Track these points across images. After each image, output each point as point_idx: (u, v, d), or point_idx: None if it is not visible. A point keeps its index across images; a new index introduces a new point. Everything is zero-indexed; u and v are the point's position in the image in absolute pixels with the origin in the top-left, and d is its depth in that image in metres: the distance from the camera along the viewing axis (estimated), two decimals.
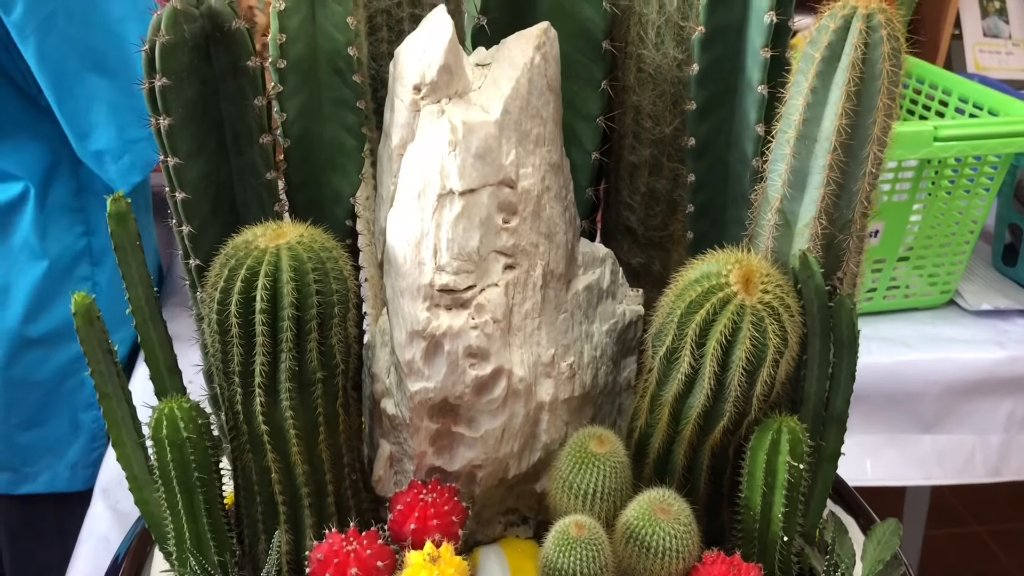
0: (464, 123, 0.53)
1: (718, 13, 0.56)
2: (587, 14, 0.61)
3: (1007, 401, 1.28)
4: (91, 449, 1.03)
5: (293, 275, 0.50)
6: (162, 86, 0.51)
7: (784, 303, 0.52)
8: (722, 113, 0.59)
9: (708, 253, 0.55)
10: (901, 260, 1.30)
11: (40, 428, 1.02)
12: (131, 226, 0.53)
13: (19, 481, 1.03)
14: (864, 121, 0.50)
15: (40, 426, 1.02)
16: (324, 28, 0.56)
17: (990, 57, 2.76)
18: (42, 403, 1.01)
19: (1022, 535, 2.19)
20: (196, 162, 0.54)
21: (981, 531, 2.21)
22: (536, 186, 0.57)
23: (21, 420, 1.00)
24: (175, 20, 0.51)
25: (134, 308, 0.55)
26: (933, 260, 1.29)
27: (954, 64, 2.68)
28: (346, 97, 0.57)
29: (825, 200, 0.53)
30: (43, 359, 1.00)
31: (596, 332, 0.62)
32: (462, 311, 0.54)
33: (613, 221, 0.69)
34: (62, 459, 1.03)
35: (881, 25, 0.49)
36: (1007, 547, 2.23)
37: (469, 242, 0.54)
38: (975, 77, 1.88)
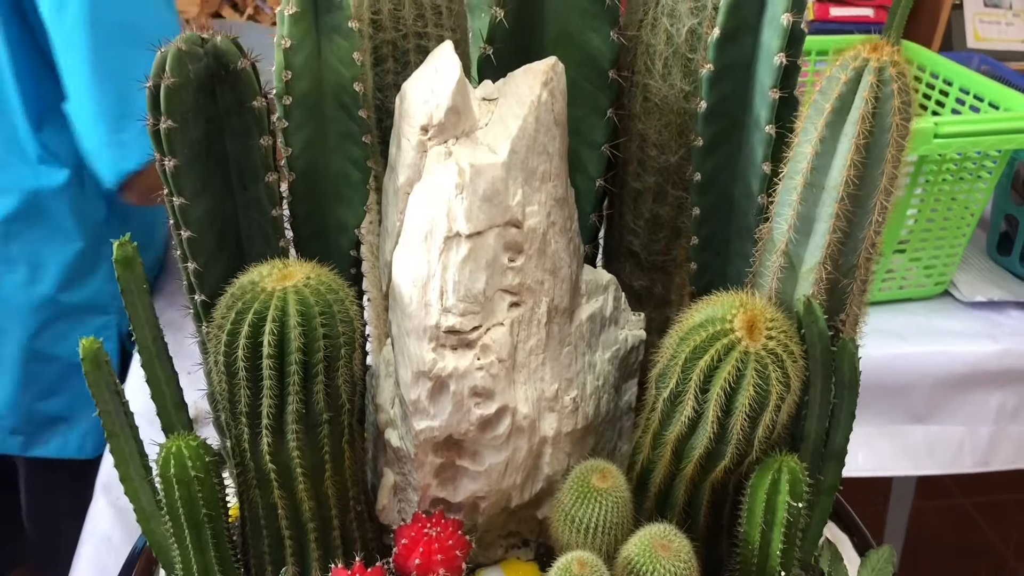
0: (471, 165, 0.53)
1: (727, 51, 0.55)
2: (594, 43, 0.60)
3: (997, 393, 1.30)
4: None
5: (300, 320, 0.51)
6: (167, 128, 0.51)
7: (788, 349, 0.53)
8: (728, 148, 0.59)
9: (713, 294, 0.55)
10: (898, 250, 1.30)
11: (56, 398, 1.08)
12: (137, 270, 0.53)
13: (31, 444, 1.09)
14: (872, 172, 0.50)
15: (56, 396, 1.08)
16: (330, 63, 0.55)
17: (990, 27, 2.74)
18: (61, 376, 1.07)
19: (1005, 508, 2.23)
20: (201, 200, 0.54)
21: (967, 503, 2.25)
22: (542, 223, 0.57)
23: (40, 391, 1.07)
24: (180, 61, 0.50)
25: (140, 347, 0.55)
26: (930, 250, 1.30)
27: (954, 34, 2.67)
28: (352, 131, 0.57)
29: (831, 247, 0.53)
30: (67, 333, 1.06)
31: (599, 361, 0.62)
32: (468, 351, 0.55)
33: (616, 244, 0.69)
34: (74, 429, 1.10)
35: (892, 79, 0.49)
36: (991, 519, 2.27)
37: (475, 284, 0.54)
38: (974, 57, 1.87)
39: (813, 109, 0.51)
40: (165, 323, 1.19)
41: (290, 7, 0.53)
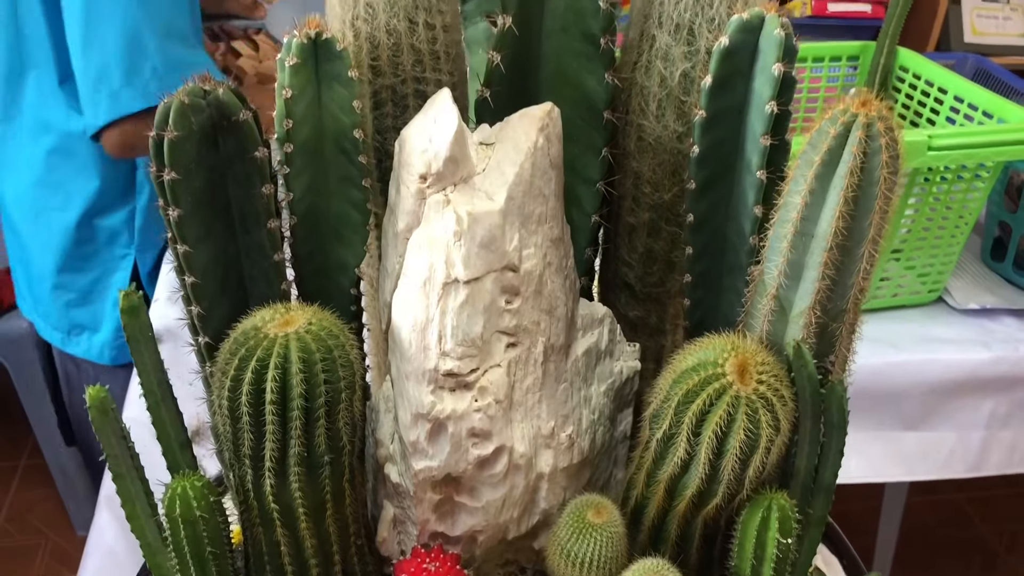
0: (469, 213, 0.54)
1: (719, 98, 0.56)
2: (590, 85, 0.61)
3: (989, 400, 1.32)
4: (117, 336, 1.36)
5: (302, 367, 0.52)
6: (171, 180, 0.52)
7: (778, 392, 0.54)
8: (721, 191, 0.60)
9: (706, 334, 0.56)
10: (892, 257, 1.32)
11: (82, 309, 1.35)
12: (143, 318, 0.54)
13: (66, 342, 1.38)
14: (861, 223, 0.52)
15: (82, 307, 1.35)
16: (330, 110, 0.56)
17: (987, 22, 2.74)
18: (87, 290, 1.34)
19: (998, 503, 2.26)
20: (205, 246, 0.55)
21: (960, 498, 2.27)
22: (538, 265, 0.58)
23: (70, 299, 1.34)
24: (183, 115, 0.51)
25: (146, 392, 0.56)
26: (924, 257, 1.31)
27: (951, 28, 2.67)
28: (352, 175, 0.58)
29: (820, 293, 0.54)
30: (91, 255, 1.32)
31: (594, 394, 0.64)
32: (466, 393, 0.56)
33: (612, 276, 0.71)
34: (95, 336, 1.37)
35: (880, 134, 0.50)
36: (983, 514, 2.30)
37: (473, 328, 0.55)
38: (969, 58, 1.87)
39: (803, 160, 0.52)
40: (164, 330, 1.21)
41: (291, 58, 0.54)
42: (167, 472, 0.61)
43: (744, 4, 0.58)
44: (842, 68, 1.52)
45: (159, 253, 1.37)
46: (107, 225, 1.31)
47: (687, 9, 0.58)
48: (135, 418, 1.07)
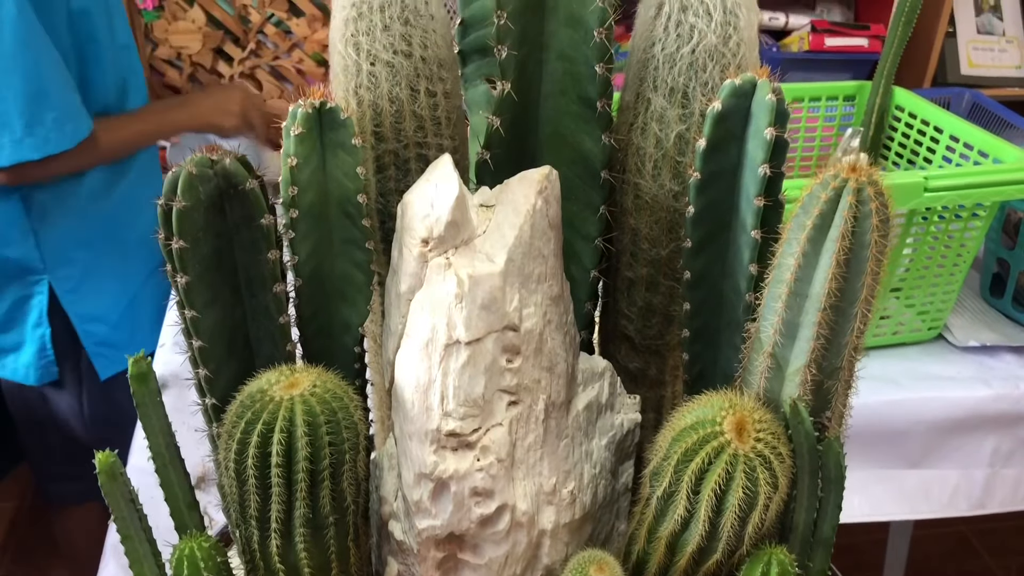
0: (470, 276, 0.56)
1: (714, 160, 0.58)
2: (587, 146, 0.63)
3: (991, 437, 1.32)
4: (40, 356, 1.40)
5: (307, 430, 0.53)
6: (179, 248, 0.53)
7: (775, 450, 0.55)
8: (717, 249, 0.61)
9: (704, 392, 0.57)
10: (893, 293, 1.32)
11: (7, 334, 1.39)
12: (152, 384, 0.56)
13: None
14: (853, 284, 0.53)
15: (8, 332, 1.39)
16: (335, 176, 0.58)
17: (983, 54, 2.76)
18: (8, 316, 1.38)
19: (1005, 534, 2.25)
20: (212, 310, 0.56)
21: (966, 531, 2.27)
22: (538, 324, 0.59)
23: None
24: (190, 184, 0.53)
25: (154, 454, 0.57)
26: (923, 295, 1.32)
27: (948, 61, 2.69)
28: (355, 237, 0.59)
29: (815, 352, 0.55)
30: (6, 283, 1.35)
31: (595, 448, 0.65)
32: (468, 452, 0.57)
33: (612, 328, 0.72)
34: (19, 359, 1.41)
35: (870, 199, 0.51)
36: (990, 546, 2.29)
37: (475, 388, 0.56)
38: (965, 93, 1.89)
39: (795, 223, 0.53)
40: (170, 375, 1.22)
41: (296, 127, 0.55)
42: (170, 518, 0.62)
43: (736, 69, 0.60)
44: (839, 107, 1.54)
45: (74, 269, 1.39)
46: (14, 256, 1.34)
47: (681, 74, 0.60)
48: (139, 467, 1.08)
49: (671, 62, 0.60)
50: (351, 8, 0.59)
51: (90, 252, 1.40)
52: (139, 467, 1.07)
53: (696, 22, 0.58)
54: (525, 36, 0.60)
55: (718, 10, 0.58)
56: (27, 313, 1.38)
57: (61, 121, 1.22)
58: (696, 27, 0.59)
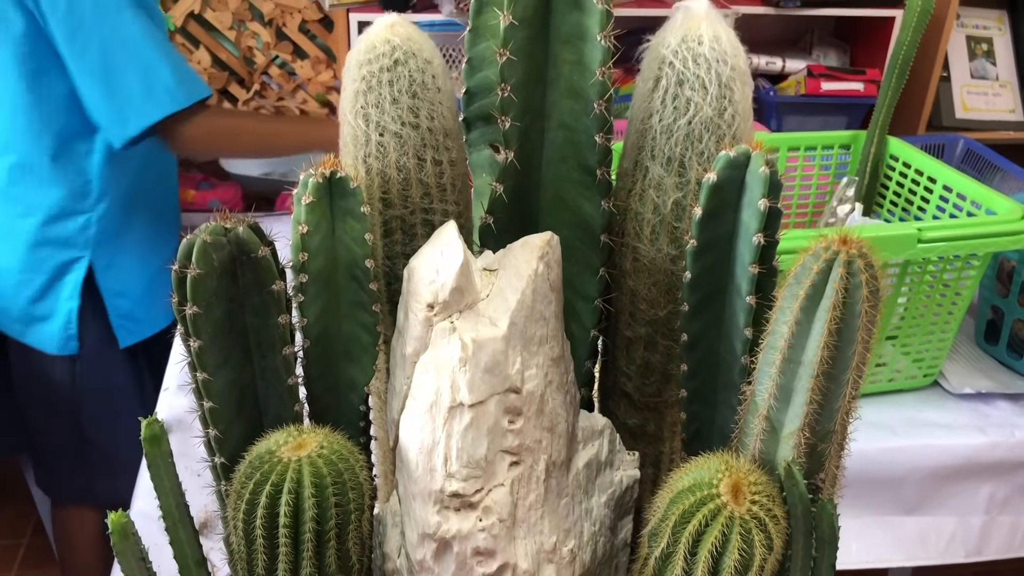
0: (474, 340, 0.57)
1: (709, 228, 0.60)
2: (587, 211, 0.65)
3: (987, 484, 1.33)
4: (65, 327, 1.56)
5: (314, 491, 0.54)
6: (193, 314, 0.55)
7: (770, 512, 0.56)
8: (713, 312, 0.63)
9: (700, 456, 0.59)
10: (888, 340, 1.34)
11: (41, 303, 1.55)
12: (164, 447, 0.57)
13: (23, 333, 1.59)
14: (845, 352, 0.55)
15: (42, 302, 1.55)
16: (344, 241, 0.59)
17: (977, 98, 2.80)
18: (45, 287, 1.54)
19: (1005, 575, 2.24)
20: (223, 372, 0.58)
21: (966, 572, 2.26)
22: (539, 385, 0.60)
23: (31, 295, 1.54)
24: (205, 252, 0.55)
25: (165, 513, 0.59)
26: (918, 343, 1.34)
27: (942, 105, 2.73)
28: (363, 300, 0.61)
29: (808, 416, 0.57)
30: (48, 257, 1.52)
31: (595, 506, 0.66)
32: (470, 512, 0.58)
33: (611, 385, 0.73)
34: (46, 328, 1.57)
35: (861, 271, 0.53)
36: None
37: (477, 450, 0.58)
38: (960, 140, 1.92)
39: (789, 293, 0.55)
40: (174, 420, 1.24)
41: (307, 196, 0.57)
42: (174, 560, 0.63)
43: (732, 139, 0.62)
44: (834, 155, 1.56)
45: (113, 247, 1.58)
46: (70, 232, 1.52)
47: (678, 144, 0.62)
48: (145, 511, 1.09)
49: (668, 133, 0.62)
50: (361, 81, 0.61)
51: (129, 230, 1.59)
52: (144, 512, 1.09)
53: (692, 95, 0.61)
54: (527, 106, 0.62)
55: (713, 84, 0.60)
56: (63, 285, 1.54)
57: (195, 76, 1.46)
58: (692, 100, 0.61)
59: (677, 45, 0.61)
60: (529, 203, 0.66)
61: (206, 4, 2.29)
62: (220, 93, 2.39)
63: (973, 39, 2.73)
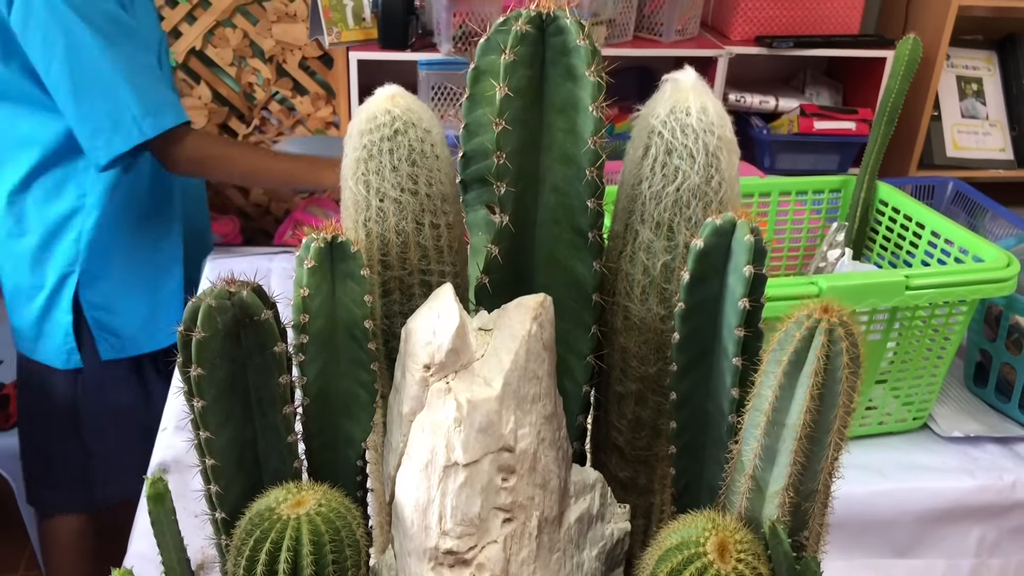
0: (469, 401, 0.59)
1: (696, 292, 0.62)
2: (579, 271, 0.67)
3: (977, 527, 1.34)
4: (65, 340, 1.62)
5: (312, 548, 0.56)
6: (197, 375, 0.57)
7: (756, 570, 0.58)
8: (701, 371, 0.65)
9: (688, 514, 0.61)
10: (878, 384, 1.36)
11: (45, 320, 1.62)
12: (168, 504, 0.59)
13: (33, 350, 1.66)
14: (827, 416, 0.57)
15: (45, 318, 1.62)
16: (343, 303, 0.62)
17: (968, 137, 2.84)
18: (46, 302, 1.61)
19: None
20: (224, 430, 0.60)
21: None
22: (532, 443, 0.62)
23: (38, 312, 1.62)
24: (209, 316, 0.57)
25: (167, 568, 0.60)
26: (908, 385, 1.35)
27: (933, 144, 2.77)
28: (361, 358, 0.63)
29: (792, 476, 0.58)
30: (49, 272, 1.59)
31: (587, 560, 0.68)
32: (464, 569, 0.60)
33: (603, 439, 0.75)
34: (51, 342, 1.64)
35: (841, 338, 0.55)
36: None
37: (471, 508, 0.60)
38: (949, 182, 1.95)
39: (772, 358, 0.57)
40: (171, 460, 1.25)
41: (309, 260, 0.60)
42: None
43: (719, 205, 0.64)
44: (825, 199, 1.59)
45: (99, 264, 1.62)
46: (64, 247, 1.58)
47: (666, 210, 0.64)
48: (142, 553, 1.10)
49: (657, 199, 0.64)
50: (363, 149, 0.64)
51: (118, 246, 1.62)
52: (141, 553, 1.10)
53: (680, 164, 0.63)
54: (522, 171, 0.65)
55: (701, 153, 0.63)
56: (61, 300, 1.60)
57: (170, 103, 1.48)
58: (680, 168, 0.63)
59: (666, 116, 0.63)
60: (524, 263, 0.68)
61: (207, 41, 2.33)
62: (220, 128, 2.43)
63: (963, 79, 2.77)
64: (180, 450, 1.26)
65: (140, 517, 1.17)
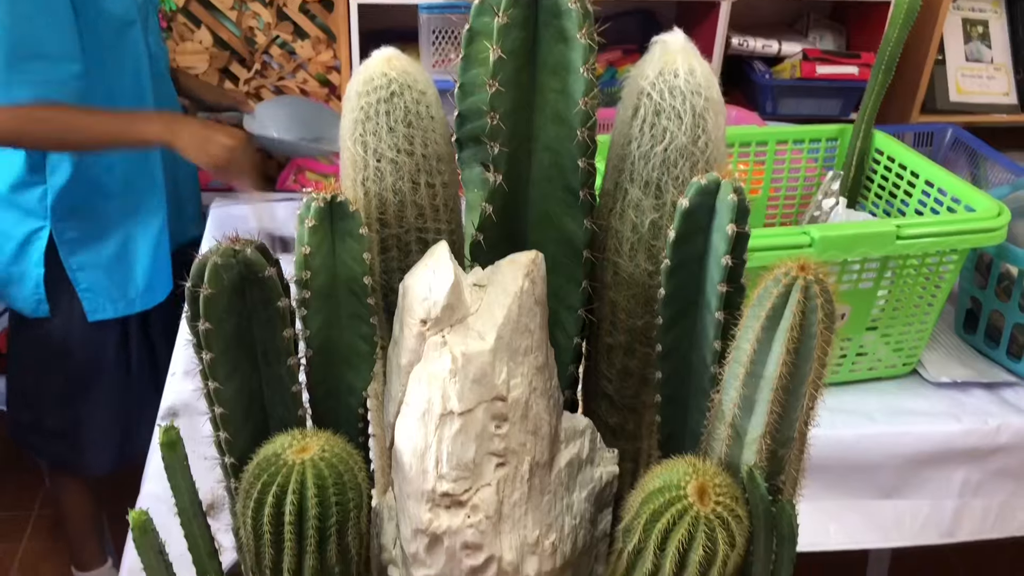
0: (463, 354, 0.62)
1: (682, 249, 0.65)
2: (571, 228, 0.70)
3: (961, 469, 1.39)
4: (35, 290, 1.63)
5: (316, 492, 0.60)
6: (205, 329, 0.60)
7: (733, 512, 0.62)
8: (686, 325, 0.68)
9: (671, 459, 0.64)
10: (869, 330, 1.39)
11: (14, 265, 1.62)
12: (180, 451, 0.62)
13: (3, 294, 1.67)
14: (802, 368, 0.60)
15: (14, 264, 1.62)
16: (343, 260, 0.64)
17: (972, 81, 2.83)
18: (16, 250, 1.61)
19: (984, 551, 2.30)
20: (232, 381, 0.63)
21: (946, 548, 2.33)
22: (524, 393, 0.66)
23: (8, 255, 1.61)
24: (216, 273, 0.59)
25: (180, 511, 0.64)
26: (898, 332, 1.38)
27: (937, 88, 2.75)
28: (361, 313, 0.66)
29: (770, 424, 0.62)
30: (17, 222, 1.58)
31: (576, 501, 0.71)
32: (459, 510, 0.64)
33: (593, 388, 0.78)
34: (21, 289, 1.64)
35: (817, 295, 0.58)
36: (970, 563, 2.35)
37: (466, 454, 0.63)
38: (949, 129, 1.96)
39: (751, 314, 0.60)
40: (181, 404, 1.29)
41: (309, 220, 0.62)
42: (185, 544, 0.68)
43: (705, 165, 0.66)
44: (822, 148, 1.60)
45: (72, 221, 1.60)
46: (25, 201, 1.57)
47: (655, 169, 0.67)
48: (155, 494, 1.15)
49: (646, 159, 0.66)
50: (360, 111, 0.66)
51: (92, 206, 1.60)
52: (155, 494, 1.14)
53: (668, 124, 0.65)
54: (515, 131, 0.67)
55: (688, 114, 0.65)
56: (31, 251, 1.60)
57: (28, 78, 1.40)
58: (668, 129, 0.65)
59: (655, 78, 0.65)
60: (517, 220, 0.71)
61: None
62: (221, 72, 2.42)
63: (968, 22, 2.74)
64: (188, 394, 1.30)
65: (152, 459, 1.22)
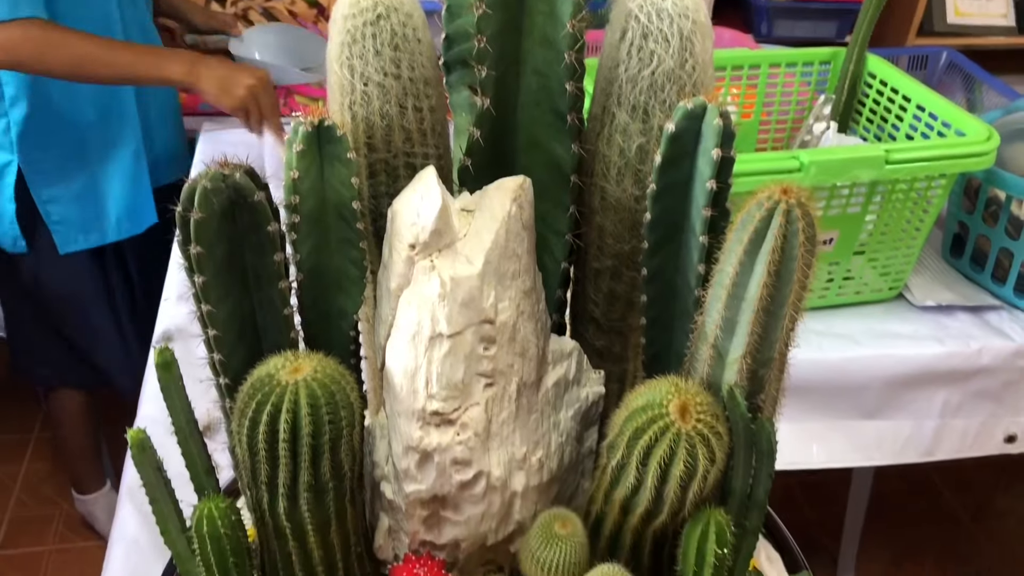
0: (452, 278, 0.63)
1: (668, 174, 0.65)
2: (558, 152, 0.70)
3: (942, 391, 1.42)
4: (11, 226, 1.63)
5: (309, 411, 0.61)
6: (196, 253, 0.61)
7: (714, 429, 0.64)
8: (671, 249, 0.69)
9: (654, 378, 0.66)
10: (856, 254, 1.41)
11: None
12: (175, 371, 0.64)
13: None
14: (783, 291, 0.61)
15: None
16: (332, 184, 0.65)
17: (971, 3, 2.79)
18: None
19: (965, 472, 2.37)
20: (225, 304, 0.64)
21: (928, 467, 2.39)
22: (512, 316, 0.67)
23: None
24: (206, 197, 0.60)
25: (177, 429, 0.66)
26: (886, 256, 1.40)
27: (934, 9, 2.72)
28: (351, 237, 0.67)
29: (750, 345, 0.63)
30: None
31: (563, 419, 0.73)
32: (449, 428, 0.66)
33: (580, 311, 0.80)
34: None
35: (799, 218, 0.59)
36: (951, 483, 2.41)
37: (455, 374, 0.65)
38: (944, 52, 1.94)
39: (734, 237, 0.61)
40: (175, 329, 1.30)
41: (298, 144, 0.62)
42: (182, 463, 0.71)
43: (692, 89, 0.67)
44: (815, 71, 1.59)
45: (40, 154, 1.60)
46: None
47: (642, 93, 0.67)
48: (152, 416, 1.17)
49: (633, 82, 0.67)
50: (346, 34, 0.65)
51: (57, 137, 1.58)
52: (152, 417, 1.17)
53: (656, 48, 0.65)
54: (503, 54, 0.67)
55: (675, 38, 0.65)
56: (2, 187, 1.60)
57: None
58: (656, 52, 0.65)
59: (643, 0, 0.65)
60: (505, 145, 0.71)
61: None
62: None
63: None
64: (182, 319, 1.32)
65: (148, 382, 1.24)
